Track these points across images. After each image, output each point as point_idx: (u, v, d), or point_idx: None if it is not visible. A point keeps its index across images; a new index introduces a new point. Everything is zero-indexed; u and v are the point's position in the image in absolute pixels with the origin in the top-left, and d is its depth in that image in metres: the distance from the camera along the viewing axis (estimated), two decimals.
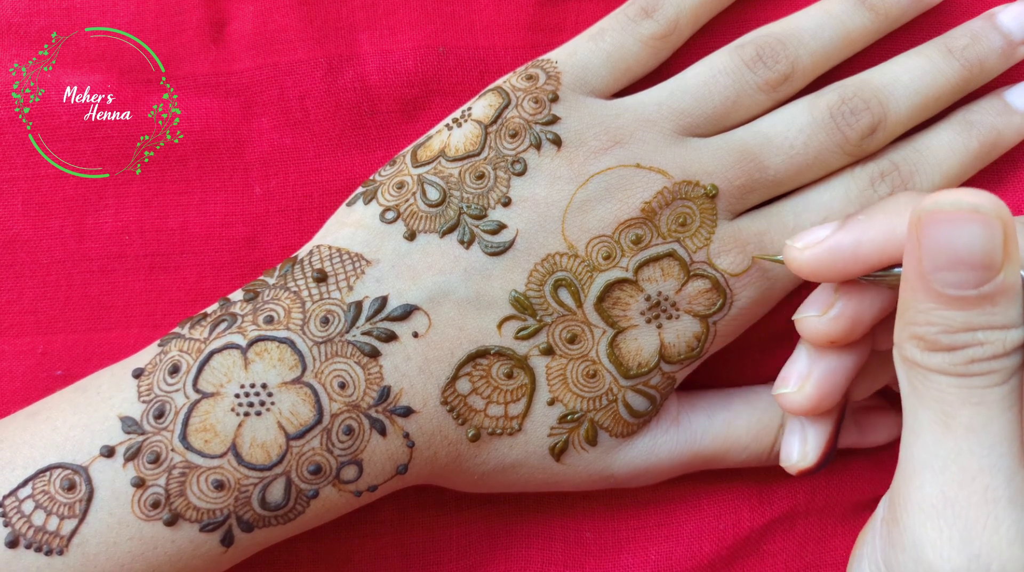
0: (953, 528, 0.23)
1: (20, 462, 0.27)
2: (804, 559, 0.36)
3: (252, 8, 0.36)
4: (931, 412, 0.24)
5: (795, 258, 0.28)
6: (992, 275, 0.23)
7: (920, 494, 0.24)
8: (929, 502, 0.24)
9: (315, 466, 0.28)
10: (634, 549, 0.36)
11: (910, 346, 0.25)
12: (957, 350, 0.24)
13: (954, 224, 0.23)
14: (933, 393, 0.24)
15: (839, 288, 0.29)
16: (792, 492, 0.36)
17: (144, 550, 0.27)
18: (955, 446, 0.24)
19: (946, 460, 0.24)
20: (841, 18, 0.34)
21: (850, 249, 0.27)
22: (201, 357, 0.29)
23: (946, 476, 0.24)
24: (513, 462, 0.31)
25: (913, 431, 0.25)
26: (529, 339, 0.31)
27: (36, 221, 0.35)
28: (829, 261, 0.27)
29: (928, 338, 0.24)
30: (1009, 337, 0.24)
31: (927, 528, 0.24)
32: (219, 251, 0.36)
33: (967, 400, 0.24)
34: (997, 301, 0.23)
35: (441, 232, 0.31)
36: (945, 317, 0.24)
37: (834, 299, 0.29)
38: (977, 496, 0.23)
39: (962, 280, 0.23)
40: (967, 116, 0.34)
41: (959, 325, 0.24)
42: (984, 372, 0.24)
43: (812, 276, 0.28)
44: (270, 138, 0.36)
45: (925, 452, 0.24)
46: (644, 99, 0.33)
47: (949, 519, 0.24)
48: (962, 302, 0.23)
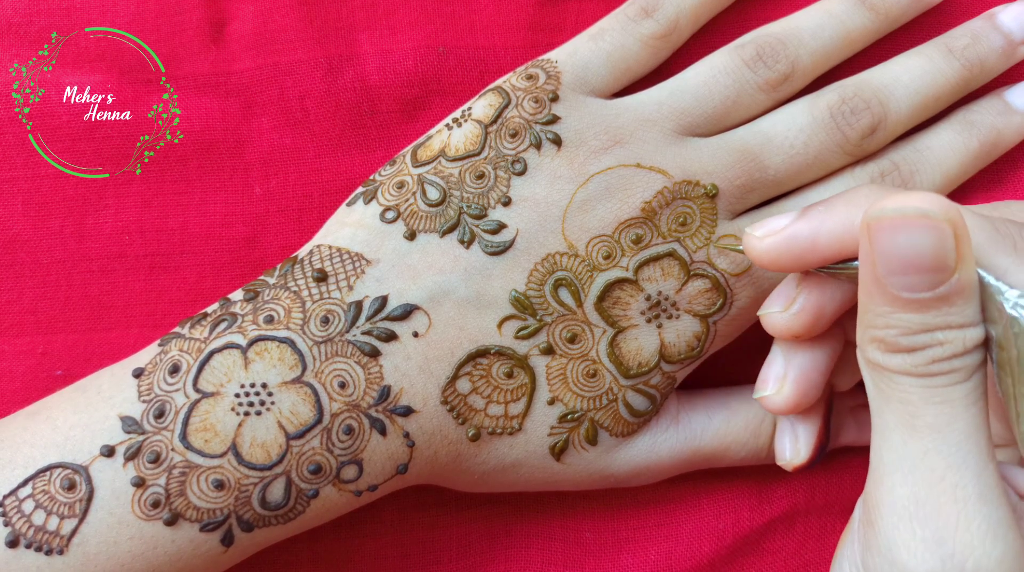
0: (925, 529, 0.23)
1: (20, 462, 0.27)
2: (804, 557, 0.36)
3: (252, 8, 0.36)
4: (896, 413, 0.24)
5: (753, 247, 0.28)
6: (946, 277, 0.23)
7: (891, 496, 0.24)
8: (900, 504, 0.24)
9: (315, 466, 0.28)
10: (634, 549, 0.36)
11: (871, 349, 0.25)
12: (917, 351, 0.24)
13: (902, 230, 0.23)
14: (897, 394, 0.24)
15: (800, 282, 0.29)
16: (792, 491, 0.36)
17: (144, 550, 0.27)
18: (922, 446, 0.24)
19: (914, 461, 0.24)
20: (841, 18, 0.34)
21: (808, 239, 0.26)
22: (201, 357, 0.29)
23: (915, 477, 0.24)
24: (513, 462, 0.31)
25: (881, 433, 0.25)
26: (529, 339, 0.31)
27: (36, 221, 0.35)
28: (786, 250, 0.27)
29: (888, 341, 0.24)
30: (968, 335, 0.24)
31: (900, 530, 0.24)
32: (219, 251, 0.36)
33: (930, 400, 0.24)
34: (954, 301, 0.23)
35: (441, 232, 0.31)
36: (903, 320, 0.24)
37: (796, 293, 0.29)
38: (947, 495, 0.23)
39: (916, 283, 0.23)
40: (967, 116, 0.34)
41: (917, 326, 0.24)
42: (945, 371, 0.24)
43: (769, 265, 0.28)
44: (270, 138, 0.36)
45: (893, 453, 0.24)
46: (644, 99, 0.33)
47: (921, 520, 0.23)
48: (918, 304, 0.23)
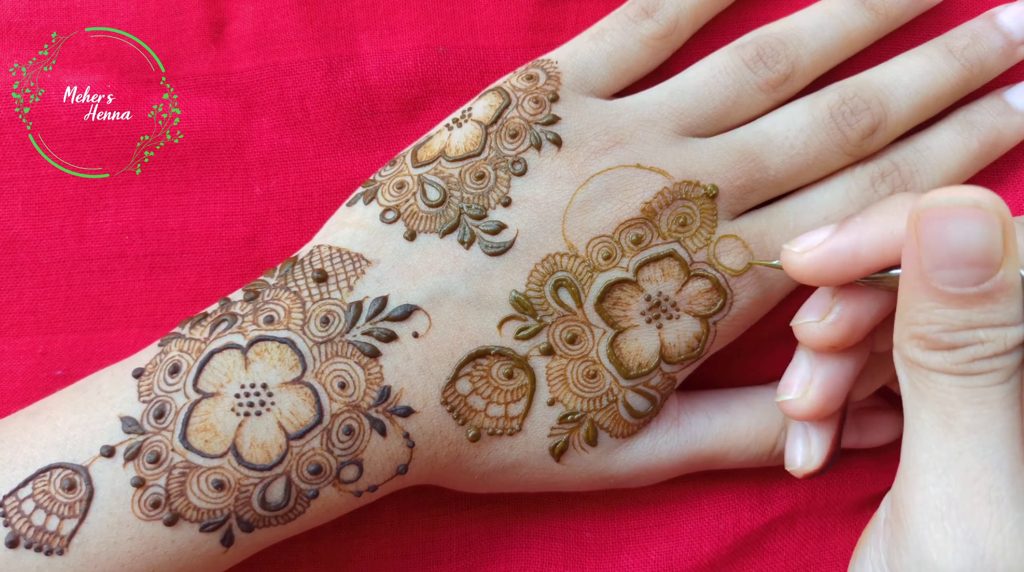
0: (957, 529, 0.23)
1: (20, 462, 0.27)
2: (804, 557, 0.36)
3: (252, 8, 0.36)
4: (933, 413, 0.24)
5: (793, 262, 0.28)
6: (992, 272, 0.23)
7: (924, 495, 0.24)
8: (933, 503, 0.24)
9: (315, 466, 0.28)
10: (634, 549, 0.36)
11: (910, 346, 0.25)
12: (958, 349, 0.24)
13: (953, 220, 0.23)
14: (935, 393, 0.24)
15: (836, 292, 0.29)
16: (793, 491, 0.36)
17: (144, 550, 0.27)
18: (957, 447, 0.24)
19: (949, 461, 0.24)
20: (841, 18, 0.34)
21: (849, 251, 0.27)
22: (201, 357, 0.29)
23: (949, 477, 0.24)
24: (513, 462, 0.31)
25: (915, 432, 0.25)
26: (529, 339, 0.31)
27: (36, 221, 0.35)
28: (828, 264, 0.27)
29: (929, 337, 0.24)
30: (1010, 335, 0.24)
31: (931, 529, 0.24)
32: (219, 251, 0.36)
33: (969, 400, 0.24)
34: (997, 298, 0.23)
35: (441, 232, 0.31)
36: (946, 315, 0.24)
37: (832, 304, 0.29)
38: (981, 496, 0.23)
39: (962, 277, 0.23)
40: (967, 116, 0.34)
41: (960, 323, 0.23)
42: (985, 370, 0.24)
43: (811, 280, 0.28)
44: (270, 138, 0.36)
45: (927, 453, 0.24)
46: (644, 99, 0.33)
47: (953, 520, 0.23)
48: (962, 300, 0.23)
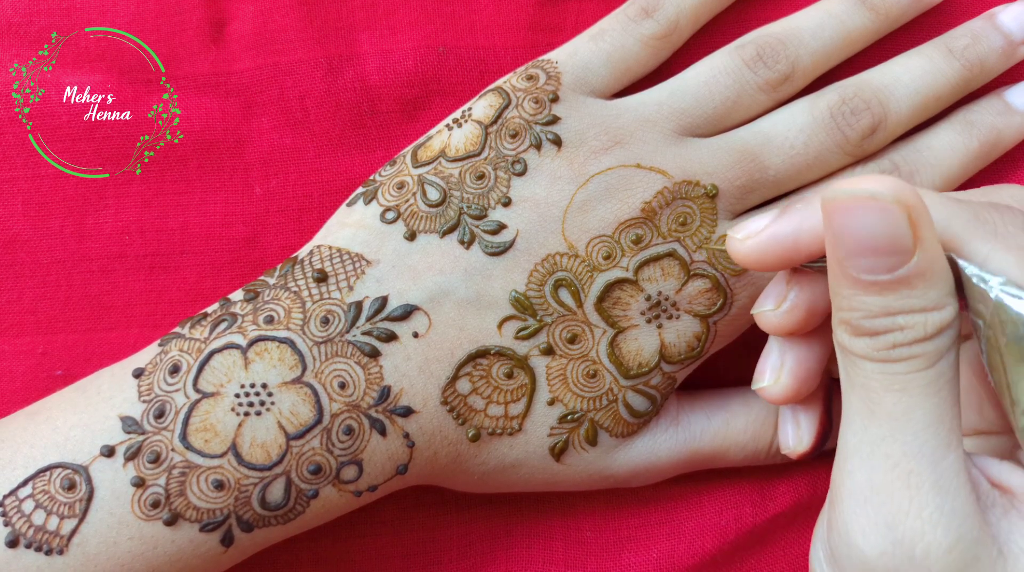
0: (878, 514, 0.24)
1: (20, 461, 0.27)
2: (806, 553, 0.36)
3: (252, 8, 0.36)
4: (859, 398, 0.25)
5: (736, 249, 0.28)
6: (905, 259, 0.23)
7: (851, 480, 0.24)
8: (858, 488, 0.24)
9: (315, 466, 0.28)
10: (635, 548, 0.36)
11: (840, 331, 0.25)
12: (879, 335, 0.24)
13: (854, 212, 0.23)
14: (860, 379, 0.24)
15: (791, 279, 0.29)
16: (794, 487, 0.36)
17: (144, 550, 0.27)
18: (880, 432, 0.24)
19: (872, 446, 0.24)
20: (841, 18, 0.34)
21: (789, 238, 0.26)
22: (201, 357, 0.29)
23: (872, 463, 0.24)
24: (513, 462, 0.31)
25: (846, 416, 0.25)
26: (529, 339, 0.31)
27: (36, 221, 0.35)
28: (769, 250, 0.27)
29: (852, 323, 0.24)
30: (931, 319, 0.23)
31: (856, 514, 0.24)
32: (219, 251, 0.36)
33: (889, 387, 0.24)
34: (914, 284, 0.23)
35: (441, 232, 0.31)
36: (864, 302, 0.24)
37: (787, 291, 0.29)
38: (900, 482, 0.23)
39: (873, 265, 0.23)
40: (967, 116, 0.34)
41: (878, 310, 0.23)
42: (906, 357, 0.24)
43: (753, 266, 0.27)
44: (270, 138, 0.36)
45: (854, 438, 0.25)
46: (644, 99, 0.33)
47: (875, 505, 0.24)
48: (878, 287, 0.23)
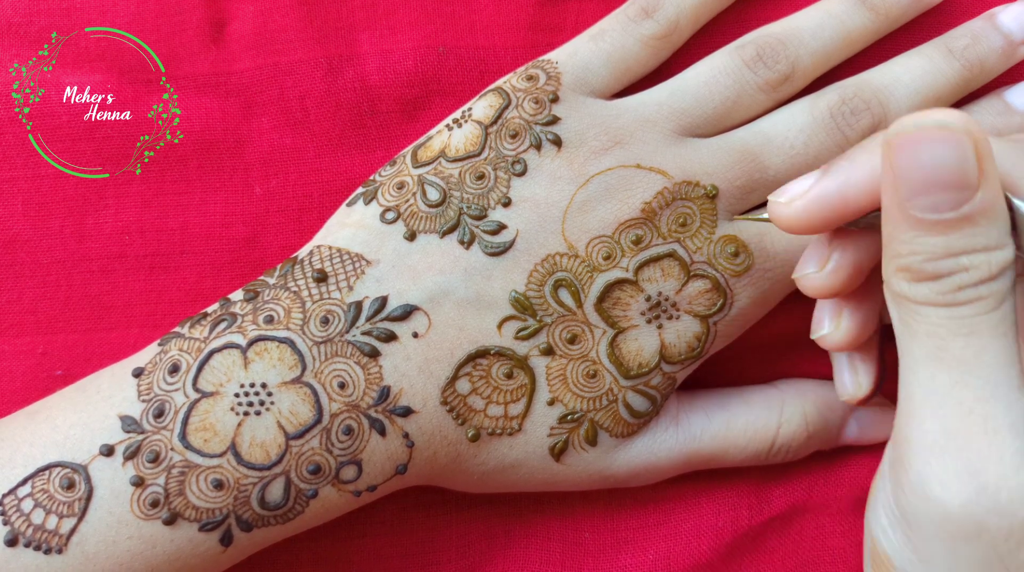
0: (958, 461, 0.23)
1: (20, 461, 0.27)
2: (802, 556, 0.36)
3: (252, 8, 0.36)
4: (923, 347, 0.24)
5: (781, 213, 0.27)
6: (969, 194, 0.22)
7: (921, 431, 0.24)
8: (931, 438, 0.24)
9: (314, 466, 0.28)
10: (633, 549, 0.36)
11: (897, 280, 0.24)
12: (943, 278, 0.23)
13: (922, 145, 0.22)
14: (924, 327, 0.24)
15: (833, 239, 0.28)
16: (790, 490, 0.36)
17: (143, 549, 0.27)
18: (949, 379, 0.23)
19: (943, 394, 0.23)
20: (841, 18, 0.34)
21: (837, 194, 0.26)
22: (201, 356, 0.29)
23: (945, 410, 0.23)
24: (513, 462, 0.31)
25: (909, 368, 0.25)
26: (529, 339, 0.31)
27: (36, 221, 0.35)
28: (818, 211, 0.26)
29: (913, 268, 0.24)
30: (995, 259, 0.23)
31: (932, 464, 0.23)
32: (219, 251, 0.36)
33: (958, 331, 0.23)
34: (978, 222, 0.23)
35: (441, 232, 0.31)
36: (927, 244, 0.23)
37: (829, 251, 0.28)
38: (977, 427, 0.23)
39: (939, 202, 0.23)
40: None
41: (941, 251, 0.23)
42: (972, 299, 0.23)
43: (802, 229, 0.27)
44: (270, 138, 0.36)
45: (922, 389, 0.24)
46: (644, 99, 0.33)
47: (953, 453, 0.23)
48: (942, 226, 0.23)
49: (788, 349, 0.36)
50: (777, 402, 0.34)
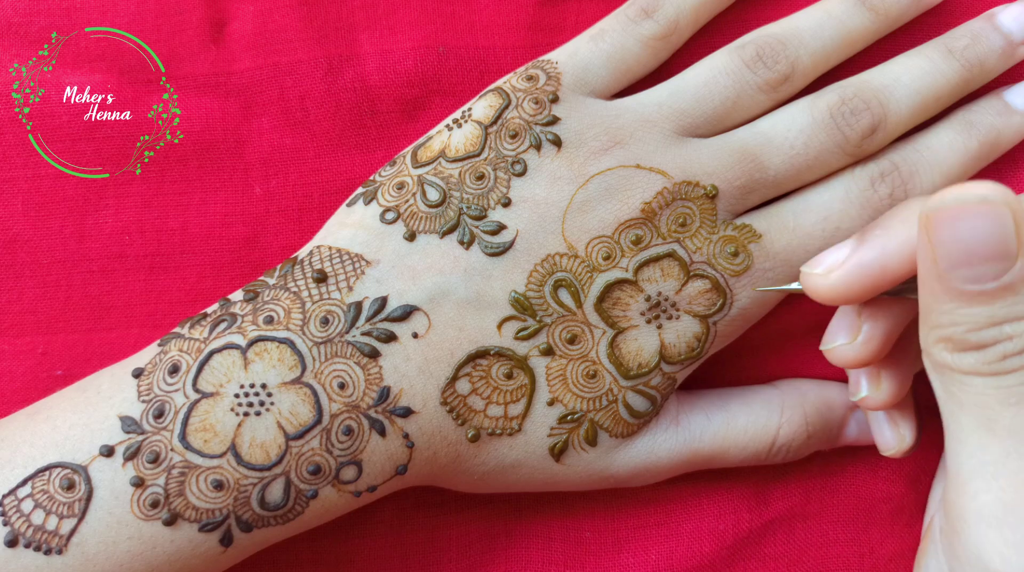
0: (1016, 534, 0.23)
1: (20, 461, 0.27)
2: (806, 565, 0.36)
3: (252, 8, 0.36)
4: (972, 417, 0.24)
5: (818, 285, 0.27)
6: (1010, 264, 0.23)
7: (976, 503, 0.24)
8: (988, 510, 0.23)
9: (314, 466, 0.28)
10: (634, 548, 0.36)
11: (938, 350, 0.24)
12: (987, 348, 0.23)
13: (963, 219, 0.23)
14: (971, 397, 0.24)
15: (862, 309, 0.28)
16: (789, 493, 0.36)
17: (143, 550, 0.27)
18: (1003, 449, 0.23)
19: (996, 466, 0.23)
20: (841, 18, 0.34)
21: (876, 264, 0.26)
22: (201, 357, 0.29)
23: (999, 482, 0.23)
24: (513, 462, 0.31)
25: (957, 438, 0.24)
26: (529, 339, 0.31)
27: (36, 221, 0.35)
28: (856, 281, 0.26)
29: (956, 338, 0.23)
30: None
31: (989, 537, 0.23)
32: (219, 251, 0.36)
33: (1006, 401, 0.23)
34: (1019, 290, 0.23)
35: (441, 233, 0.31)
36: (969, 314, 0.23)
37: (859, 322, 0.28)
38: None
39: (980, 274, 0.23)
40: (967, 116, 0.34)
41: (984, 321, 0.23)
42: (1018, 368, 0.23)
43: (840, 300, 0.27)
44: (270, 138, 0.36)
45: (973, 459, 0.24)
46: (644, 99, 0.33)
47: (1012, 525, 0.23)
48: (984, 296, 0.23)
49: (788, 349, 0.36)
50: (777, 402, 0.34)
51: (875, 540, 0.36)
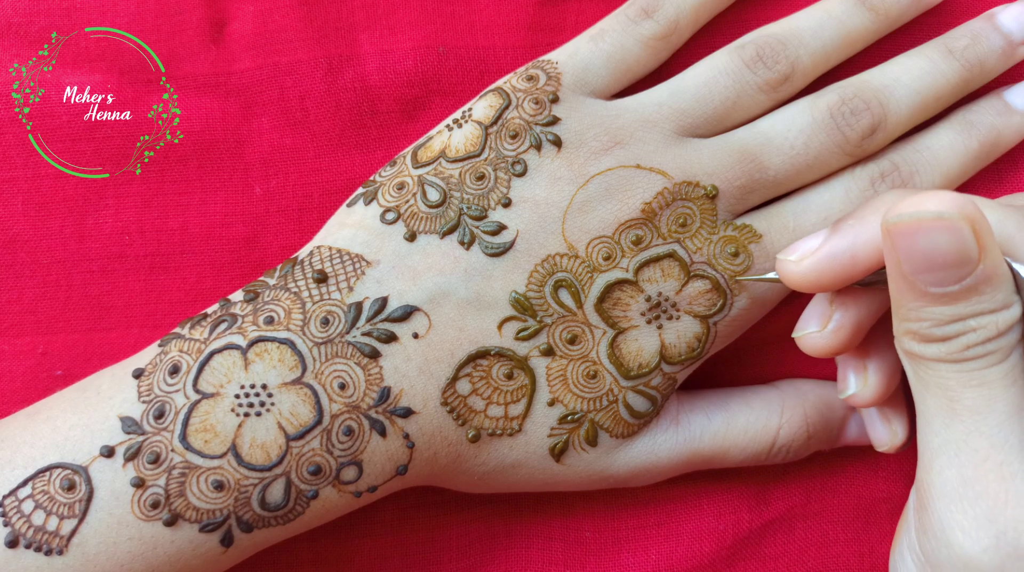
0: (976, 508, 0.24)
1: (20, 462, 0.27)
2: (807, 564, 0.36)
3: (252, 8, 0.36)
4: (936, 398, 0.25)
5: (791, 271, 0.28)
6: (971, 269, 0.23)
7: (941, 479, 0.25)
8: (950, 486, 0.24)
9: (315, 467, 0.28)
10: (634, 548, 0.36)
11: (907, 340, 0.25)
12: (951, 340, 0.24)
13: (921, 233, 0.23)
14: (935, 380, 0.25)
15: (834, 298, 0.29)
16: (789, 493, 0.36)
17: (144, 550, 0.27)
18: (964, 428, 0.24)
19: (958, 444, 0.24)
20: (841, 18, 0.34)
21: (847, 254, 0.27)
22: (201, 357, 0.29)
23: (961, 459, 0.24)
24: (513, 463, 0.31)
25: (924, 418, 0.26)
26: (529, 340, 0.31)
27: (36, 221, 0.35)
28: (827, 269, 0.27)
29: (922, 333, 0.25)
30: (1002, 318, 0.24)
31: (952, 511, 0.24)
32: (219, 251, 0.36)
33: (968, 383, 0.24)
34: (982, 290, 0.24)
35: (441, 233, 0.31)
36: (934, 313, 0.24)
37: (831, 311, 0.29)
38: (993, 474, 0.24)
39: (943, 279, 0.24)
40: (967, 116, 0.34)
41: (948, 317, 0.24)
42: (980, 355, 0.24)
43: (810, 287, 0.28)
44: (270, 138, 0.36)
45: (937, 438, 0.25)
46: (644, 100, 0.33)
47: (971, 500, 0.24)
48: (948, 297, 0.24)
49: (788, 349, 0.36)
50: (777, 402, 0.34)
51: (875, 539, 0.36)
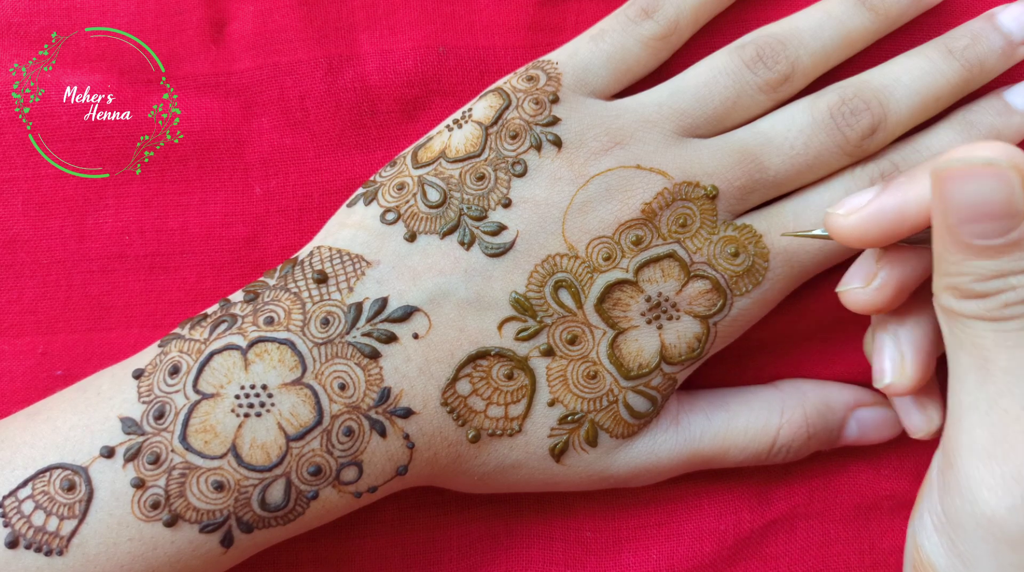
0: (1004, 467, 0.24)
1: (20, 462, 0.27)
2: (807, 564, 0.36)
3: (252, 8, 0.36)
4: (971, 357, 0.25)
5: (839, 225, 0.28)
6: (1016, 222, 0.23)
7: (969, 437, 0.25)
8: (979, 444, 0.25)
9: (315, 467, 0.28)
10: (635, 548, 0.36)
11: (946, 296, 0.25)
12: (991, 296, 0.24)
13: (970, 179, 0.24)
14: (971, 339, 0.25)
15: (881, 255, 0.29)
16: (791, 493, 0.36)
17: (144, 551, 0.27)
18: (996, 389, 0.24)
19: (989, 403, 0.25)
20: (841, 18, 0.34)
21: (895, 210, 0.27)
22: (201, 358, 0.29)
23: (991, 418, 0.24)
24: (513, 463, 0.31)
25: (956, 376, 0.26)
26: (529, 340, 0.31)
27: (36, 221, 0.35)
28: (875, 224, 0.27)
29: (962, 287, 0.25)
30: None
31: (979, 469, 0.24)
32: (219, 251, 0.36)
33: (1003, 344, 0.24)
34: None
35: (441, 233, 0.31)
36: (976, 266, 0.24)
37: (877, 268, 0.29)
38: (1022, 435, 0.24)
39: (987, 230, 0.24)
40: (967, 116, 0.34)
41: (990, 273, 0.24)
42: (1019, 315, 0.24)
43: (858, 242, 0.28)
44: (270, 138, 0.36)
45: (969, 397, 0.25)
46: (644, 100, 0.33)
47: (999, 459, 0.24)
48: (990, 251, 0.24)
49: (788, 349, 0.36)
50: (777, 402, 0.34)
51: (875, 535, 0.36)
